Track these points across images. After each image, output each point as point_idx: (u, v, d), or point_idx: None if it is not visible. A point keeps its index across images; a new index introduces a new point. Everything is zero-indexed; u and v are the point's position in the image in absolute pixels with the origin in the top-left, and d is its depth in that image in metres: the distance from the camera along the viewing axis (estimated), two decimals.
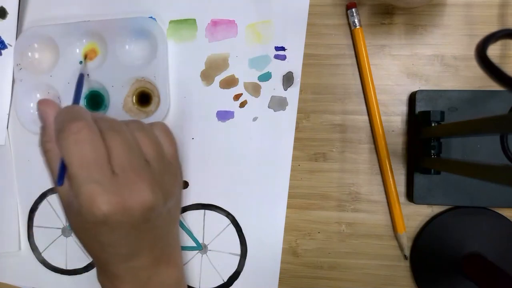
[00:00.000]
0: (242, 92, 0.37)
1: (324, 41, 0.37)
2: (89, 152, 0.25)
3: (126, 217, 0.26)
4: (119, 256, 0.28)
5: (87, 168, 0.25)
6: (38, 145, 0.29)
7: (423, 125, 0.33)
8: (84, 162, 0.25)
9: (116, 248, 0.27)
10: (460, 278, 0.34)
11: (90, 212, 0.25)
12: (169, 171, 0.30)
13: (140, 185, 0.26)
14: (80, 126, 0.25)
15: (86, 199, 0.25)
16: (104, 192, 0.25)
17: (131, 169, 0.26)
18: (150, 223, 0.28)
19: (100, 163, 0.25)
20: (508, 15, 0.35)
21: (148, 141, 0.28)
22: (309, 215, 0.37)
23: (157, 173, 0.28)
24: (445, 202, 0.35)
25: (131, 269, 0.28)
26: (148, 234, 0.28)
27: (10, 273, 0.40)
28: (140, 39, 0.38)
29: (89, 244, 0.28)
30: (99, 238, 0.27)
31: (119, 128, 0.27)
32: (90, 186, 0.24)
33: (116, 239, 0.27)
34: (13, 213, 0.40)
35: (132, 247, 0.28)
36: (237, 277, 0.38)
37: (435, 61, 0.36)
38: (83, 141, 0.25)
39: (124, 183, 0.26)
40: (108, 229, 0.26)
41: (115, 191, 0.25)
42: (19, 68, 0.38)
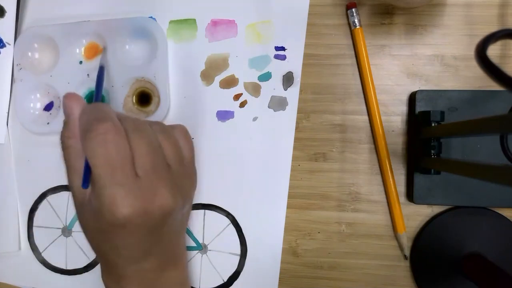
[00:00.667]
0: (242, 92, 0.37)
1: (324, 41, 0.37)
2: (115, 154, 0.25)
3: (146, 220, 0.26)
4: (130, 258, 0.28)
5: (111, 170, 0.24)
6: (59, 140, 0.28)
7: (423, 125, 0.33)
8: (109, 164, 0.24)
9: (130, 251, 0.27)
10: (460, 278, 0.34)
11: (111, 215, 0.24)
12: (187, 175, 0.30)
13: (162, 189, 0.26)
14: (107, 128, 0.25)
15: (109, 202, 0.24)
16: (127, 196, 0.25)
17: (153, 172, 0.26)
18: (165, 227, 0.28)
19: (124, 165, 0.25)
20: (508, 15, 0.35)
21: (170, 144, 0.28)
22: (309, 215, 0.37)
23: (177, 177, 0.28)
24: (445, 202, 0.35)
25: (140, 271, 0.28)
26: (162, 238, 0.28)
27: (10, 273, 0.40)
28: (140, 39, 0.38)
29: (101, 246, 0.28)
30: (114, 240, 0.26)
31: (144, 129, 0.27)
32: (114, 188, 0.24)
33: (132, 242, 0.26)
34: (13, 213, 0.40)
35: (144, 250, 0.28)
36: (237, 277, 0.38)
37: (435, 61, 0.36)
38: (109, 142, 0.25)
39: (147, 187, 0.25)
40: (126, 232, 0.26)
41: (138, 194, 0.25)
42: (19, 68, 0.38)
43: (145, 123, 0.28)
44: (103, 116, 0.26)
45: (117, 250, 0.27)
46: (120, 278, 0.28)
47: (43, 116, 0.38)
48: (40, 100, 0.39)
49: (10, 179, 0.40)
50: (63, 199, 0.39)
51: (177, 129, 0.31)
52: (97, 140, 0.24)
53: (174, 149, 0.29)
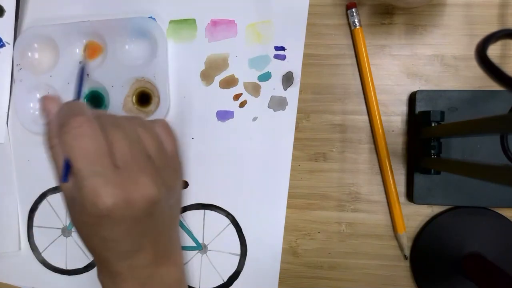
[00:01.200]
0: (242, 92, 0.37)
1: (324, 41, 0.37)
2: (90, 145, 0.25)
3: (129, 210, 0.26)
4: (121, 252, 0.28)
5: (89, 161, 0.25)
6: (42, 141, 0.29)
7: (423, 125, 0.33)
8: (86, 156, 0.25)
9: (118, 244, 0.27)
10: (460, 278, 0.34)
11: (94, 205, 0.25)
12: (170, 166, 0.30)
13: (143, 178, 0.26)
14: (81, 121, 0.25)
15: (89, 192, 0.25)
16: (107, 185, 0.25)
17: (133, 162, 0.26)
18: (152, 218, 0.28)
19: (102, 157, 0.25)
20: (508, 15, 0.35)
21: (149, 137, 0.29)
22: (309, 215, 0.37)
23: (159, 168, 0.28)
24: (445, 202, 0.35)
25: (132, 266, 0.28)
26: (150, 230, 0.28)
27: (10, 273, 0.40)
28: (140, 39, 0.38)
29: (91, 240, 0.28)
30: (101, 232, 0.26)
31: (120, 123, 0.28)
32: (93, 179, 0.25)
33: (119, 233, 0.27)
34: (13, 213, 0.40)
35: (134, 243, 0.28)
36: (237, 277, 0.38)
37: (435, 61, 0.36)
38: (84, 135, 0.25)
39: (127, 177, 0.26)
40: (111, 223, 0.26)
41: (118, 184, 0.25)
42: (19, 68, 0.38)
43: (122, 118, 0.29)
44: (76, 111, 0.26)
45: (106, 244, 0.27)
46: (114, 275, 0.28)
47: (42, 115, 0.38)
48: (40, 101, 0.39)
49: (10, 179, 0.40)
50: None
51: (158, 123, 0.31)
52: (71, 133, 0.25)
53: (153, 141, 0.29)
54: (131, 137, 0.27)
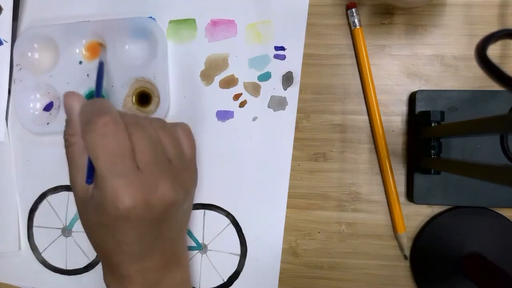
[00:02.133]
0: (242, 92, 0.37)
1: (324, 41, 0.37)
2: (115, 145, 0.25)
3: (148, 213, 0.26)
4: (133, 256, 0.28)
5: (113, 161, 0.25)
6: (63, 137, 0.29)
7: (423, 125, 0.33)
8: (110, 156, 0.25)
9: (132, 247, 0.27)
10: (460, 278, 0.34)
11: (114, 206, 0.25)
12: (188, 171, 0.30)
13: (163, 182, 0.26)
14: (106, 120, 0.25)
15: (111, 193, 0.25)
16: (129, 187, 0.25)
17: (154, 165, 0.26)
18: (167, 222, 0.28)
19: (126, 158, 0.25)
20: (508, 15, 0.35)
21: (170, 140, 0.29)
22: (309, 215, 0.37)
23: (178, 172, 0.28)
24: (445, 202, 0.35)
25: (142, 270, 0.28)
26: (163, 234, 0.28)
27: (10, 273, 0.40)
28: (140, 39, 0.38)
29: (104, 243, 0.28)
30: (117, 235, 0.26)
31: (143, 124, 0.27)
32: (116, 180, 0.25)
33: (134, 236, 0.26)
34: (13, 213, 0.40)
35: (147, 247, 0.28)
36: (237, 277, 0.38)
37: (435, 61, 0.36)
38: (109, 134, 0.25)
39: (148, 179, 0.26)
40: (129, 225, 0.26)
41: (139, 186, 0.25)
42: (19, 68, 0.38)
43: (145, 119, 0.28)
44: (102, 110, 0.26)
45: (120, 247, 0.27)
46: (122, 279, 0.28)
47: (43, 116, 0.38)
48: (40, 100, 0.39)
49: (10, 179, 0.40)
50: (63, 199, 0.39)
51: (179, 126, 0.31)
52: (97, 132, 0.25)
53: (174, 144, 0.29)
54: (153, 139, 0.27)
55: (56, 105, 0.38)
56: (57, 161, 0.39)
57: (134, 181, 0.25)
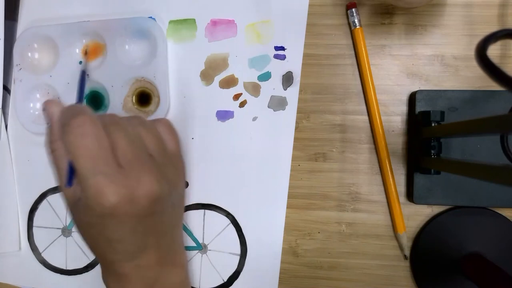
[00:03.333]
0: (242, 92, 0.37)
1: (324, 41, 0.37)
2: (94, 144, 0.25)
3: (134, 208, 0.26)
4: (126, 253, 0.28)
5: (92, 160, 0.25)
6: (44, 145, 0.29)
7: (423, 125, 0.33)
8: (90, 155, 0.25)
9: (123, 244, 0.27)
10: (460, 278, 0.34)
11: (98, 204, 0.25)
12: (172, 164, 0.31)
13: (146, 176, 0.27)
14: (83, 120, 0.26)
15: (94, 191, 0.25)
16: (111, 183, 0.25)
17: (136, 161, 0.27)
18: (155, 216, 0.28)
19: (106, 156, 0.26)
20: (508, 15, 0.35)
21: (150, 135, 0.29)
22: (309, 215, 0.37)
23: (161, 166, 0.29)
24: (445, 202, 0.35)
25: (138, 268, 0.28)
26: (154, 229, 0.28)
27: (10, 273, 0.40)
28: (140, 39, 0.38)
29: (96, 242, 0.28)
30: (106, 233, 0.27)
31: (121, 122, 0.28)
32: (97, 178, 0.25)
33: (123, 233, 0.27)
34: (13, 213, 0.40)
35: (139, 243, 0.28)
36: (237, 277, 0.38)
37: (435, 61, 0.36)
38: (87, 134, 0.25)
39: (130, 175, 0.26)
40: (115, 222, 0.26)
41: (122, 182, 0.25)
42: (19, 68, 0.38)
43: (122, 118, 0.29)
44: (79, 112, 0.27)
45: (111, 245, 0.27)
46: (120, 277, 0.28)
47: (42, 116, 0.38)
48: (40, 100, 0.39)
49: (10, 179, 0.40)
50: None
51: (160, 122, 0.31)
52: (74, 132, 0.25)
53: (155, 140, 0.29)
54: (132, 136, 0.28)
55: None
56: None
57: (116, 178, 0.25)
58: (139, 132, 0.28)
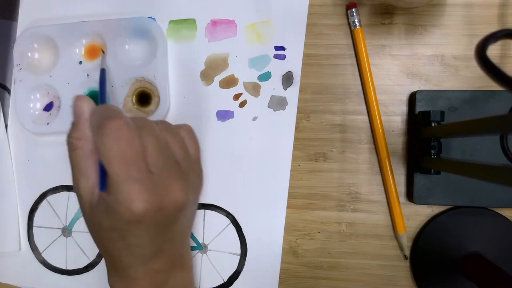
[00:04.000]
0: (242, 92, 0.37)
1: (324, 41, 0.37)
2: (129, 149, 0.25)
3: (160, 216, 0.26)
4: (143, 258, 0.27)
5: (126, 165, 0.25)
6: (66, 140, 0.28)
7: (423, 125, 0.33)
8: (124, 159, 0.25)
9: (142, 249, 0.27)
10: (460, 278, 0.34)
11: (128, 210, 0.24)
12: (195, 172, 0.31)
13: (174, 184, 0.26)
14: (120, 124, 0.25)
15: (125, 197, 0.24)
16: (143, 191, 0.25)
17: (165, 168, 0.26)
18: (177, 223, 0.28)
19: (139, 161, 0.25)
20: (508, 15, 0.35)
21: (176, 142, 0.29)
22: (309, 215, 0.37)
23: (186, 173, 0.28)
24: (445, 202, 0.35)
25: (149, 271, 0.28)
26: (171, 235, 0.28)
27: (10, 273, 0.40)
28: (139, 39, 0.38)
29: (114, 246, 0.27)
30: (128, 238, 0.26)
31: (151, 127, 0.27)
32: (130, 184, 0.24)
33: (145, 239, 0.26)
34: (13, 213, 0.40)
35: (155, 248, 0.28)
36: (237, 277, 0.38)
37: (435, 61, 0.36)
38: (123, 138, 0.25)
39: (160, 182, 0.26)
40: (141, 229, 0.26)
41: (152, 190, 0.25)
42: (19, 68, 0.38)
43: (151, 122, 0.28)
44: (115, 114, 0.26)
45: (130, 249, 0.27)
46: (128, 280, 0.28)
47: (43, 116, 0.38)
48: (40, 100, 0.39)
49: (10, 179, 0.40)
50: (63, 199, 0.39)
51: (183, 128, 0.31)
52: (111, 136, 0.25)
53: (180, 146, 0.29)
54: (161, 141, 0.27)
55: (56, 105, 0.38)
56: (57, 161, 0.39)
57: (147, 185, 0.25)
58: (166, 137, 0.28)
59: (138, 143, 0.25)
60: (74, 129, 0.28)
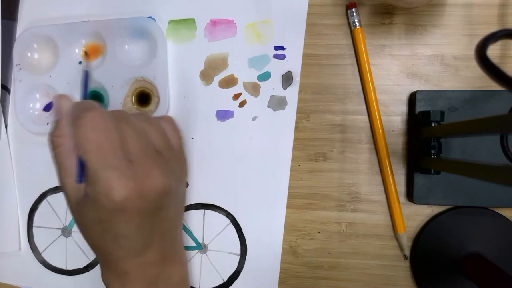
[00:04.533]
0: (242, 92, 0.37)
1: (324, 41, 0.37)
2: (105, 138, 0.25)
3: (143, 203, 0.26)
4: (131, 249, 0.28)
5: (103, 154, 0.25)
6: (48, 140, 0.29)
7: (423, 125, 0.33)
8: (101, 148, 0.25)
9: (130, 240, 0.27)
10: (460, 278, 0.34)
11: (108, 199, 0.25)
12: (177, 160, 0.31)
13: (154, 171, 0.27)
14: (95, 114, 0.26)
15: (104, 186, 0.25)
16: (121, 178, 0.25)
17: (144, 156, 0.27)
18: (162, 211, 0.28)
19: (116, 150, 0.26)
20: (508, 15, 0.35)
21: (156, 131, 0.29)
22: (309, 215, 0.37)
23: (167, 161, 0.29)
24: (445, 202, 0.35)
25: (141, 265, 0.28)
26: (159, 225, 0.29)
27: (10, 273, 0.40)
28: (139, 39, 0.38)
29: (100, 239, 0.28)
30: (113, 229, 0.26)
31: (128, 118, 0.28)
32: (108, 172, 0.25)
33: (131, 229, 0.27)
34: (13, 213, 0.40)
35: (144, 239, 0.28)
36: (237, 276, 0.38)
37: (435, 61, 0.36)
38: (98, 128, 0.26)
39: (139, 170, 0.26)
40: (124, 217, 0.26)
41: (132, 177, 0.26)
42: (19, 68, 0.38)
43: (129, 114, 0.29)
44: (90, 106, 0.27)
45: (118, 241, 0.27)
46: (122, 275, 0.28)
47: (42, 116, 0.38)
48: (40, 101, 0.39)
49: (10, 179, 0.40)
50: (63, 199, 0.39)
51: (163, 119, 0.32)
52: (86, 126, 0.25)
53: (160, 136, 0.30)
54: (140, 131, 0.28)
55: None
56: None
57: (126, 172, 0.25)
58: (145, 128, 0.29)
59: (114, 132, 0.26)
60: (56, 127, 0.29)
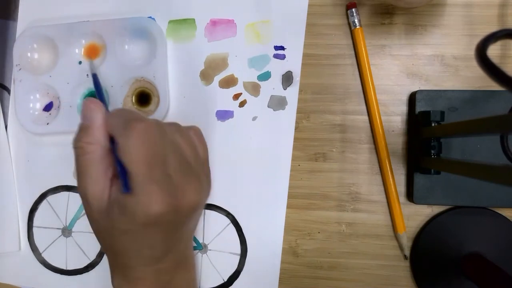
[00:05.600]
0: (242, 92, 0.37)
1: (324, 41, 0.37)
2: (153, 152, 0.25)
3: (176, 217, 0.26)
4: (151, 258, 0.27)
5: (150, 167, 0.25)
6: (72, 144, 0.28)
7: (423, 125, 0.33)
8: (149, 162, 0.25)
9: (152, 250, 0.27)
10: (460, 278, 0.34)
11: (146, 213, 0.24)
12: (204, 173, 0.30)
13: (189, 186, 0.26)
14: (147, 126, 0.25)
15: (146, 199, 0.24)
16: (162, 193, 0.25)
17: (180, 170, 0.26)
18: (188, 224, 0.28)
19: (161, 164, 0.25)
20: (508, 15, 0.35)
21: (187, 143, 0.29)
22: (309, 215, 0.37)
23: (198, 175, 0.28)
24: (445, 202, 0.35)
25: (155, 272, 0.28)
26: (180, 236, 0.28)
27: (10, 273, 0.40)
28: (139, 39, 0.38)
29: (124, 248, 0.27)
30: (141, 240, 0.26)
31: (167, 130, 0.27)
32: (152, 186, 0.24)
33: (158, 239, 0.26)
34: (13, 213, 0.40)
35: (165, 249, 0.28)
36: (237, 276, 0.38)
37: (435, 61, 0.36)
38: (150, 140, 0.25)
39: (177, 184, 0.26)
40: (155, 230, 0.26)
41: (171, 192, 0.25)
42: (19, 68, 0.38)
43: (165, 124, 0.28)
44: (139, 116, 0.26)
45: (141, 251, 0.27)
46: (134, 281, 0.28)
47: (42, 117, 0.38)
48: (40, 101, 0.39)
49: (10, 179, 0.40)
50: (63, 199, 0.39)
51: (192, 130, 0.31)
52: (137, 137, 0.25)
53: (189, 147, 0.29)
54: (176, 144, 0.27)
55: (55, 105, 0.38)
56: (57, 161, 0.39)
57: (167, 188, 0.25)
58: (178, 140, 0.28)
59: (160, 145, 0.25)
60: (85, 133, 0.27)
